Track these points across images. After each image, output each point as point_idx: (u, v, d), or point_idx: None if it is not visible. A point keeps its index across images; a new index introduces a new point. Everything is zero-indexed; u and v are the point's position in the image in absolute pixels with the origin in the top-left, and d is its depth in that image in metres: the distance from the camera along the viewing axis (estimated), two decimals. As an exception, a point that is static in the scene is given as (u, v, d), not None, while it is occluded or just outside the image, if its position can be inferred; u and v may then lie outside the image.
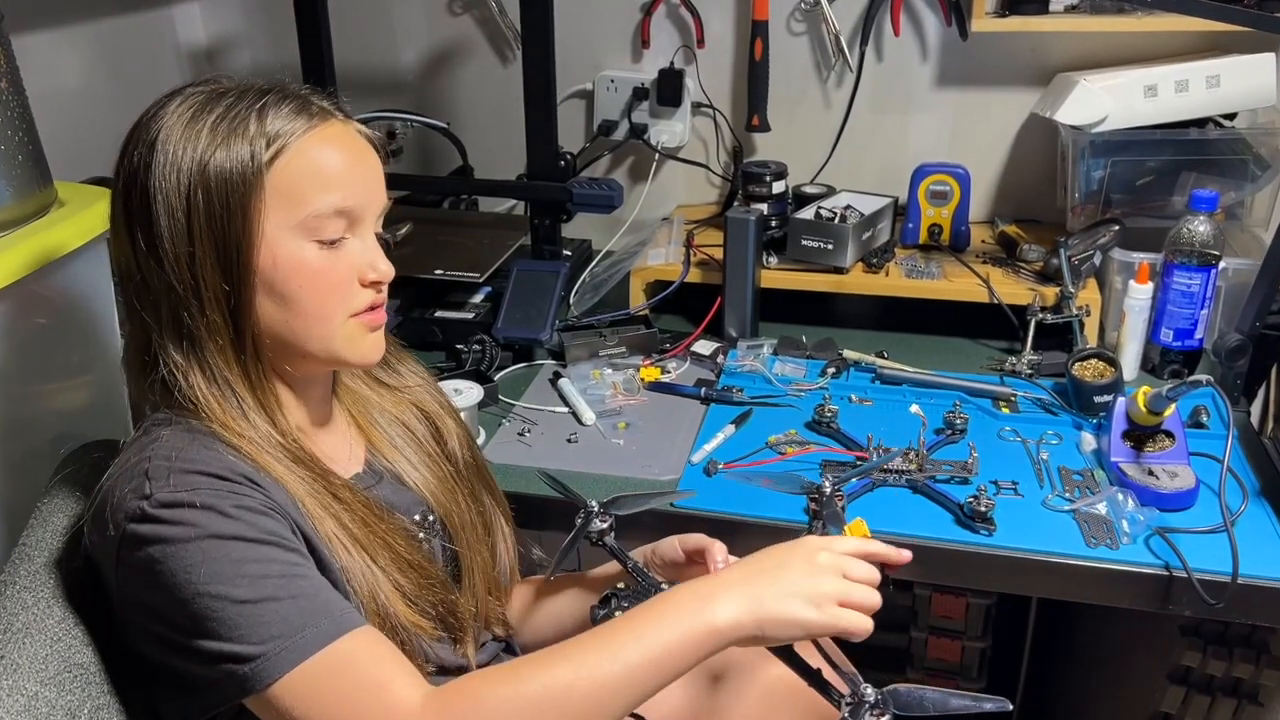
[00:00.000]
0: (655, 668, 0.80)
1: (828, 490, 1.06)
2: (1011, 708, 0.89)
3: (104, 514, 0.81)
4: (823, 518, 1.05)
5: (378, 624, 0.87)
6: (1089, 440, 1.34)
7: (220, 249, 0.83)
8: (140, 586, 0.79)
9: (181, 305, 0.84)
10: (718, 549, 1.01)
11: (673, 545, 1.05)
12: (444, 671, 0.99)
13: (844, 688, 0.86)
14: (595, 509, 1.04)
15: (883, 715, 0.82)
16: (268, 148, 0.83)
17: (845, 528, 0.99)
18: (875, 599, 0.85)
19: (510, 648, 1.12)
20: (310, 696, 0.76)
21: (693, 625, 0.81)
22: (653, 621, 0.82)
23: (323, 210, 0.85)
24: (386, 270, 0.91)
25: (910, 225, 1.76)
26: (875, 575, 0.87)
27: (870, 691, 0.83)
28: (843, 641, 0.89)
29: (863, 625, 0.84)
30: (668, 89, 1.90)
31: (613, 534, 1.03)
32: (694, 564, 1.03)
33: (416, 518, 1.00)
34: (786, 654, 0.89)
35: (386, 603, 0.88)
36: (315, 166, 0.85)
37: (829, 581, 0.84)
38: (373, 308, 0.91)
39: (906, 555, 0.94)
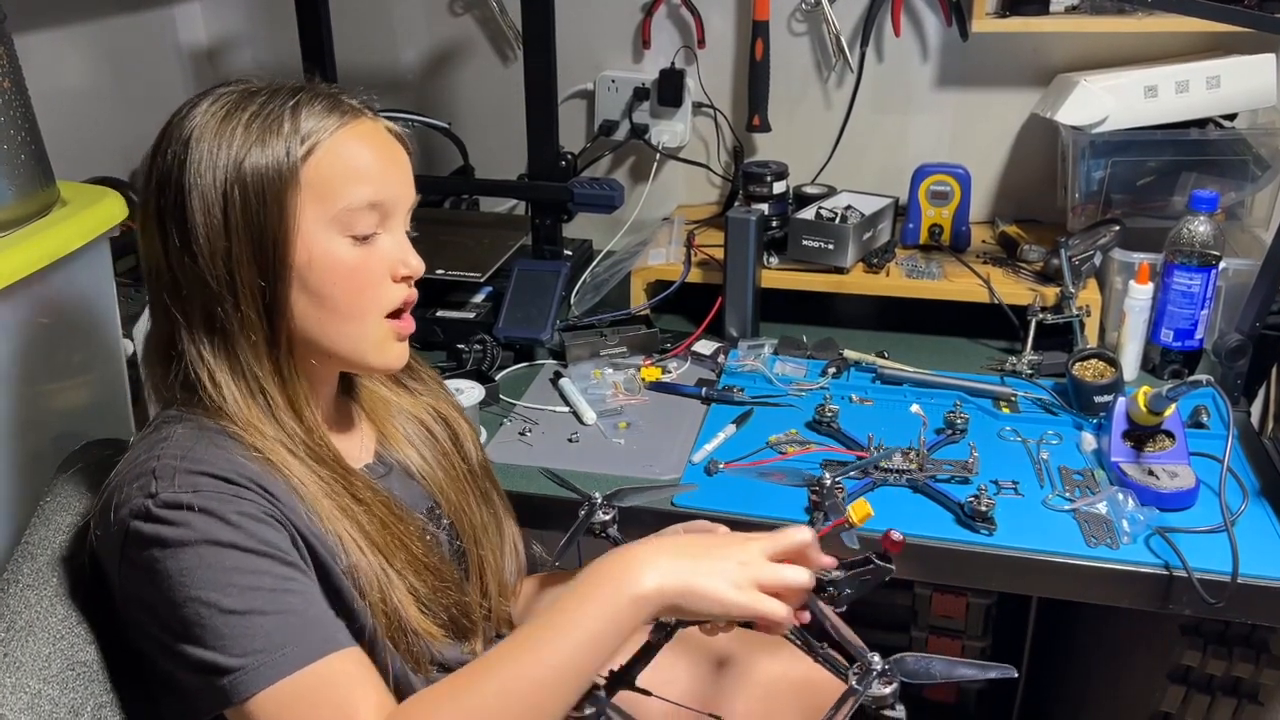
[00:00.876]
0: (589, 650, 0.80)
1: (828, 482, 1.07)
2: (1017, 674, 0.89)
3: (110, 509, 0.81)
4: (824, 509, 1.06)
5: (386, 625, 0.88)
6: (1089, 440, 1.35)
7: (257, 244, 0.84)
8: (140, 583, 0.79)
9: (216, 301, 0.85)
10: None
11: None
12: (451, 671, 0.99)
13: (848, 661, 0.86)
14: (598, 501, 1.04)
15: (890, 684, 0.83)
16: (302, 144, 0.84)
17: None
18: (802, 579, 0.85)
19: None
20: (280, 715, 0.77)
21: (617, 600, 0.81)
22: (579, 604, 0.81)
23: (356, 204, 0.86)
24: (418, 265, 0.92)
25: (911, 225, 1.76)
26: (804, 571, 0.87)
27: (877, 661, 0.85)
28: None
29: (781, 613, 0.83)
30: (668, 89, 1.90)
31: (615, 525, 1.03)
32: None
33: (422, 513, 1.00)
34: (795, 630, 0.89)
35: (399, 606, 0.88)
36: (347, 162, 0.86)
37: (755, 566, 0.84)
38: (404, 306, 0.92)
39: (829, 561, 0.93)
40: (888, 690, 0.83)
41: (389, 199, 0.89)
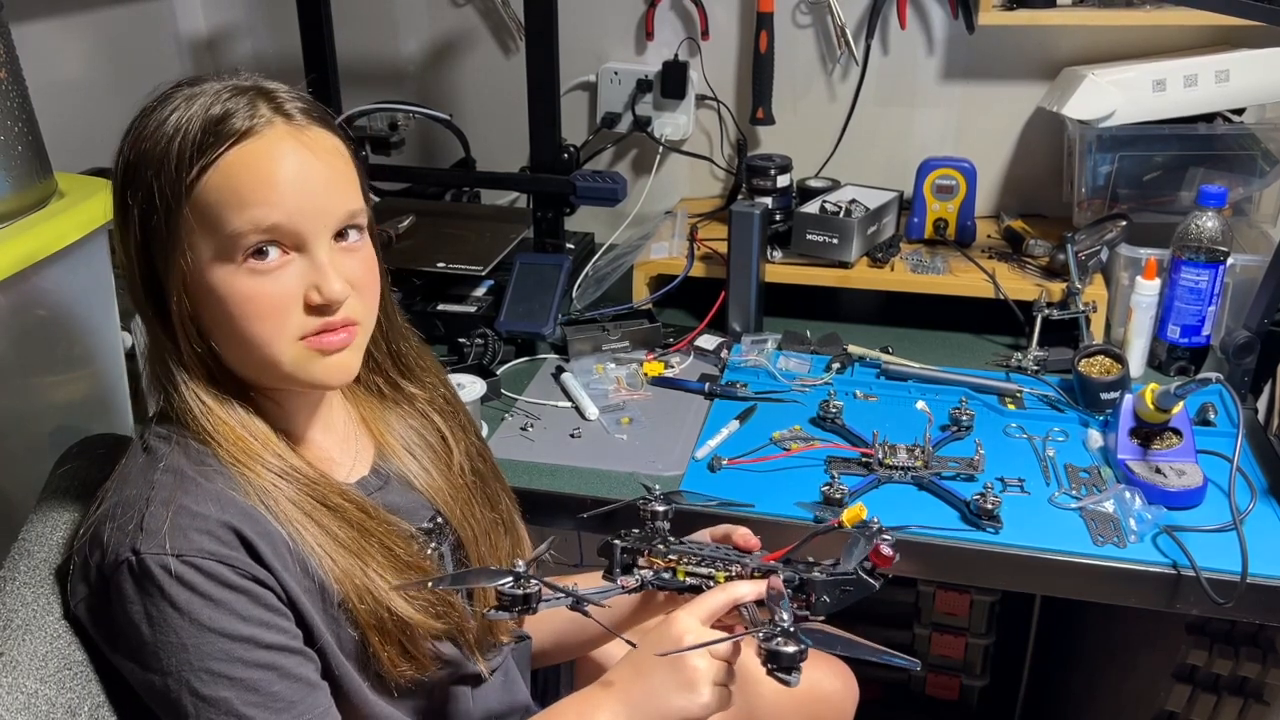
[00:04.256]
0: None
1: (875, 527, 1.03)
2: (920, 667, 0.92)
3: (97, 547, 0.81)
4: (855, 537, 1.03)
5: (378, 625, 0.87)
6: (1095, 437, 1.34)
7: (165, 271, 0.82)
8: (118, 626, 0.80)
9: (156, 320, 0.84)
10: (740, 533, 1.00)
11: (703, 537, 1.03)
12: (460, 682, 0.98)
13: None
14: (659, 493, 1.02)
15: (792, 644, 0.82)
16: (192, 167, 0.79)
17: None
18: (726, 649, 0.88)
19: (524, 638, 1.11)
20: None
21: None
22: None
23: (241, 230, 0.79)
24: (332, 292, 0.82)
25: (915, 220, 1.75)
26: (730, 647, 0.88)
27: (787, 618, 0.84)
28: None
29: (728, 701, 0.87)
30: (672, 81, 1.89)
31: (666, 520, 1.01)
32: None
33: (426, 524, 0.98)
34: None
35: (387, 602, 0.87)
36: (234, 185, 0.79)
37: (698, 664, 0.85)
38: (323, 330, 0.84)
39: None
40: (790, 649, 0.81)
41: (288, 222, 0.80)
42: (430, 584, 0.90)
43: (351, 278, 0.85)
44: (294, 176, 0.81)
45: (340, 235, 0.85)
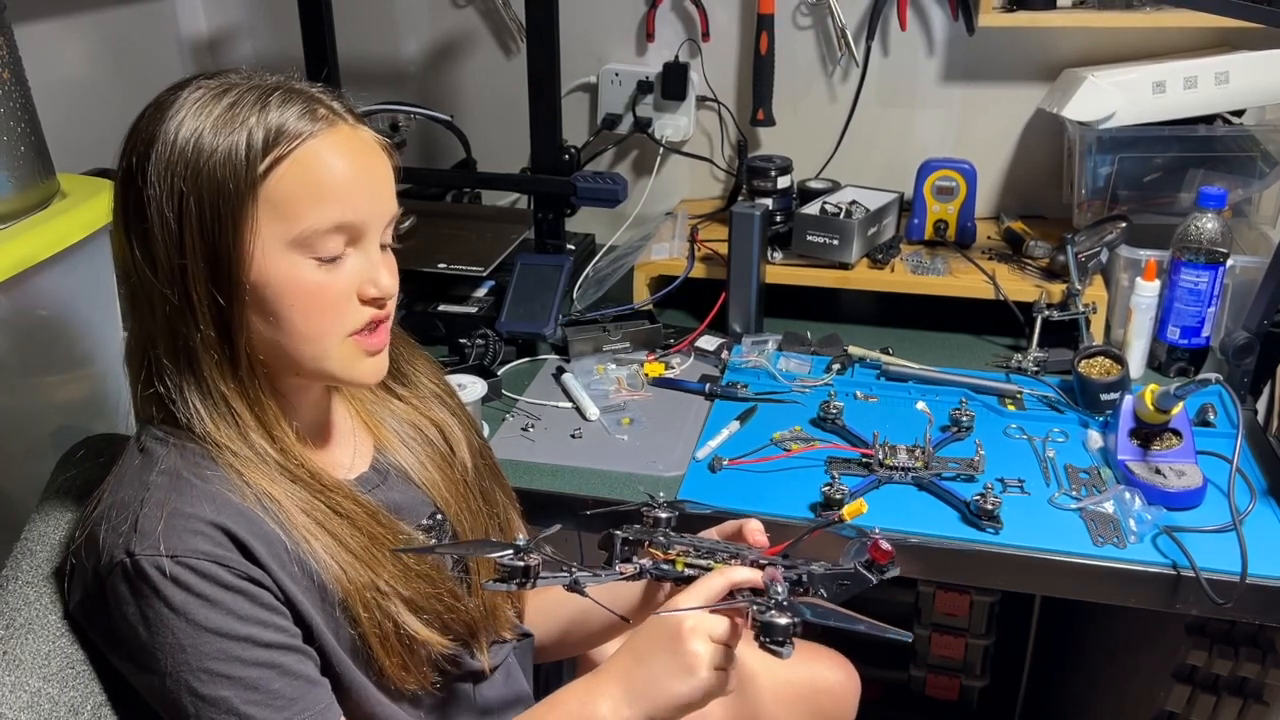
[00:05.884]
0: None
1: (877, 534, 1.03)
2: (912, 639, 0.91)
3: (92, 550, 0.81)
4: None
5: (380, 634, 0.87)
6: (1095, 438, 1.34)
7: (212, 263, 0.80)
8: (115, 629, 0.80)
9: (177, 317, 0.82)
10: (751, 527, 1.00)
11: (710, 534, 1.03)
12: (462, 678, 0.99)
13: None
14: (662, 500, 1.03)
15: (787, 615, 0.83)
16: (264, 157, 0.79)
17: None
18: (724, 629, 0.87)
19: (527, 635, 1.12)
20: None
21: None
22: None
23: (320, 226, 0.81)
24: (388, 286, 0.86)
25: (915, 221, 1.75)
26: (729, 630, 0.88)
27: (781, 590, 0.85)
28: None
29: (730, 687, 0.87)
30: (672, 82, 1.89)
31: (669, 527, 1.01)
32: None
33: (425, 521, 0.98)
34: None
35: (395, 614, 0.88)
36: (314, 179, 0.81)
37: (697, 648, 0.85)
38: (373, 325, 0.87)
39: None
40: (783, 621, 0.82)
41: (358, 220, 0.83)
42: (434, 550, 0.92)
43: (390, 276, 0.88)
44: (364, 175, 0.84)
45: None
